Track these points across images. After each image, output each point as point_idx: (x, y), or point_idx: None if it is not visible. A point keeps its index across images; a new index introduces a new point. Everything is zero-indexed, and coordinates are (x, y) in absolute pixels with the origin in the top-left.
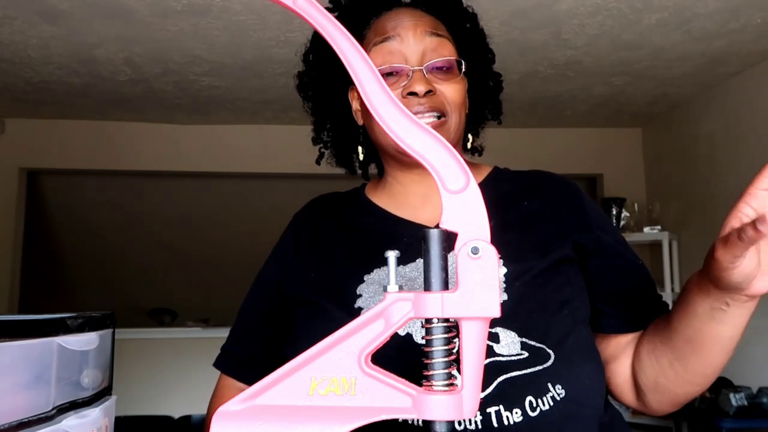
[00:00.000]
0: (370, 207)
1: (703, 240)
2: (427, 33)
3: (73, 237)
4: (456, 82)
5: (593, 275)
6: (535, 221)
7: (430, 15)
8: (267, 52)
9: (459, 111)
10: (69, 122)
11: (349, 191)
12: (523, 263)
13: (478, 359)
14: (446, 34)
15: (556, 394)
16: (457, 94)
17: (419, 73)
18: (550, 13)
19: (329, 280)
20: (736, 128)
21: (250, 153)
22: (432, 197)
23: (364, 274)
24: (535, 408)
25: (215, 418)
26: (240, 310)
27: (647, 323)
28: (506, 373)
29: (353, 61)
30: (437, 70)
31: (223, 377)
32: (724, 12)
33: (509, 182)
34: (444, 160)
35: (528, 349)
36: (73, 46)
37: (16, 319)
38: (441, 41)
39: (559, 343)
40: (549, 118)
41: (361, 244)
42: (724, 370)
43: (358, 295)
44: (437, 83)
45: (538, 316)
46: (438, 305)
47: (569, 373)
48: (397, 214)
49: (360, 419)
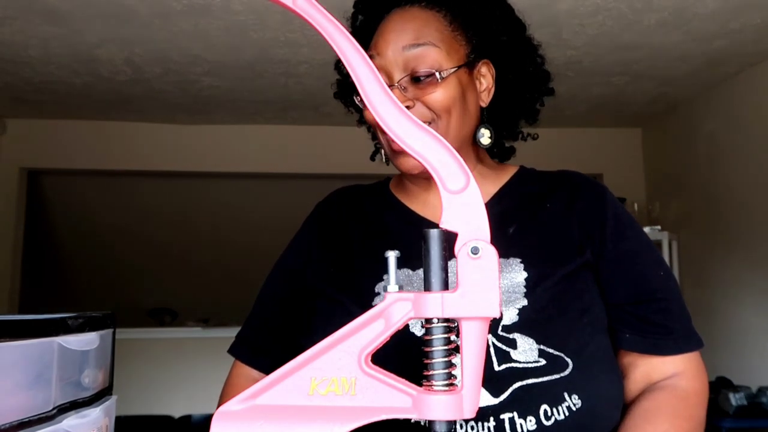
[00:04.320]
0: (393, 203)
1: (703, 240)
2: (405, 47)
3: (73, 237)
4: (438, 89)
5: (601, 284)
6: (557, 225)
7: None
8: (267, 52)
9: (448, 114)
10: (69, 122)
11: (374, 184)
12: (544, 268)
13: (479, 359)
14: (435, 37)
15: (572, 404)
16: (441, 99)
17: (396, 90)
18: (550, 13)
19: (349, 276)
20: (736, 128)
21: (250, 153)
22: None
23: (384, 273)
24: (550, 417)
25: (215, 417)
26: (259, 297)
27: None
28: (522, 380)
29: (353, 62)
30: (416, 82)
31: (238, 365)
32: (724, 12)
33: (534, 183)
34: (444, 160)
35: (546, 356)
36: (74, 46)
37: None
38: (421, 51)
39: (578, 352)
40: (549, 118)
41: (381, 242)
42: (724, 370)
43: (376, 293)
44: (418, 94)
45: (558, 323)
46: (438, 305)
47: (587, 383)
48: (420, 212)
49: (360, 419)
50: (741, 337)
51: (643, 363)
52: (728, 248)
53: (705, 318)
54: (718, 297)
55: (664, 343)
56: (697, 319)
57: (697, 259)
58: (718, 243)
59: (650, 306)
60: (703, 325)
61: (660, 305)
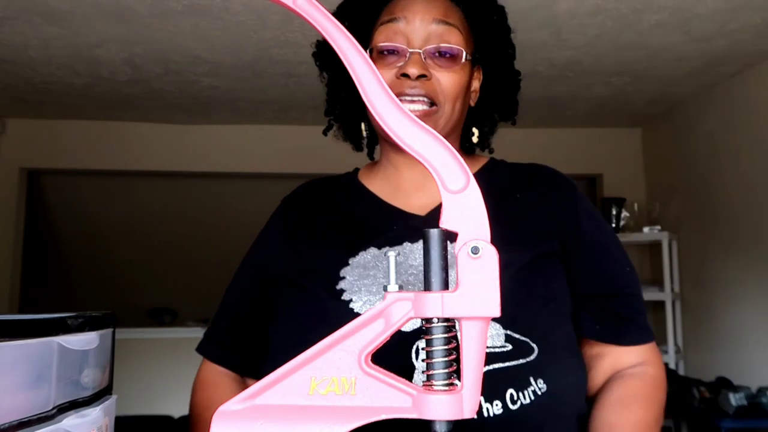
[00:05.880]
0: (363, 193)
1: (703, 240)
2: (435, 20)
3: (73, 237)
4: (455, 72)
5: (572, 275)
6: (526, 214)
7: (448, 1)
8: (267, 52)
9: (453, 102)
10: (69, 122)
11: (342, 175)
12: (510, 254)
13: (478, 359)
14: (458, 23)
15: (537, 389)
16: (454, 83)
17: (417, 56)
18: (550, 14)
19: (315, 262)
20: (736, 128)
21: (250, 153)
22: (425, 185)
23: (349, 257)
24: (516, 401)
25: (215, 417)
26: (225, 294)
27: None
28: (489, 365)
29: (354, 61)
30: (437, 57)
31: (206, 363)
32: (724, 12)
33: (504, 174)
34: (444, 160)
35: (512, 341)
36: (74, 46)
37: (16, 318)
38: (448, 29)
39: (543, 338)
40: (549, 118)
41: (350, 230)
42: (724, 370)
43: (341, 277)
44: (435, 70)
45: (525, 309)
46: (438, 305)
47: (552, 368)
48: (390, 201)
49: (360, 419)
50: (741, 337)
51: (609, 353)
52: (728, 248)
53: (705, 318)
54: (718, 297)
55: (631, 335)
56: (697, 319)
57: (697, 259)
58: (718, 243)
59: (619, 300)
60: (703, 325)
61: (627, 300)
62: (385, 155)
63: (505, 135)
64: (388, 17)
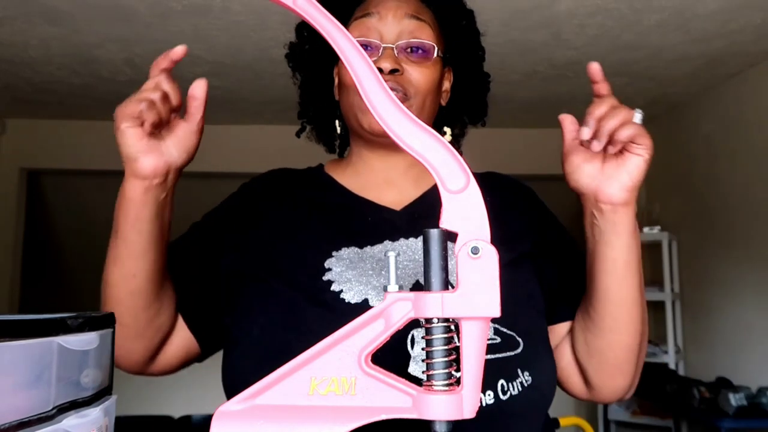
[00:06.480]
0: (331, 184)
1: (703, 240)
2: (407, 15)
3: (73, 237)
4: (426, 67)
5: (546, 272)
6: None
7: (419, 1)
8: (267, 52)
9: (424, 96)
10: (69, 122)
11: (305, 169)
12: None
13: (478, 359)
14: (430, 21)
15: (524, 380)
16: (425, 78)
17: (389, 51)
18: (549, 14)
19: (287, 258)
20: (736, 129)
21: (250, 153)
22: (396, 180)
23: (332, 250)
24: (506, 392)
25: (215, 417)
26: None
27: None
28: None
29: (353, 61)
30: (410, 52)
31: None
32: (723, 12)
33: None
34: (444, 160)
35: (500, 335)
36: (74, 46)
37: (16, 319)
38: (420, 25)
39: (527, 333)
40: (549, 118)
41: (323, 221)
42: (724, 370)
43: (327, 269)
44: (407, 65)
45: (508, 305)
46: (438, 305)
47: (535, 361)
48: (361, 194)
49: (360, 419)
50: (741, 337)
51: None
52: (728, 248)
53: (705, 318)
54: (718, 297)
55: None
56: (697, 319)
57: (697, 259)
58: (717, 243)
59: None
60: (703, 325)
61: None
62: (357, 151)
63: (506, 135)
64: (361, 13)
